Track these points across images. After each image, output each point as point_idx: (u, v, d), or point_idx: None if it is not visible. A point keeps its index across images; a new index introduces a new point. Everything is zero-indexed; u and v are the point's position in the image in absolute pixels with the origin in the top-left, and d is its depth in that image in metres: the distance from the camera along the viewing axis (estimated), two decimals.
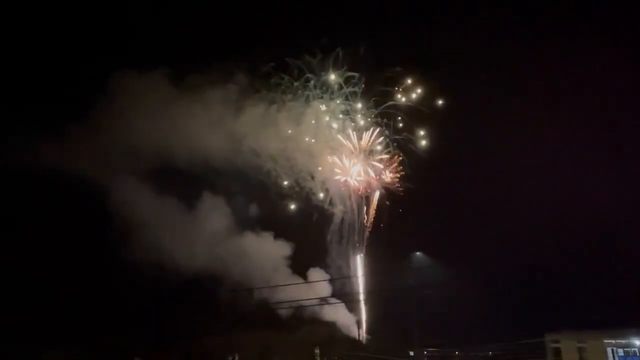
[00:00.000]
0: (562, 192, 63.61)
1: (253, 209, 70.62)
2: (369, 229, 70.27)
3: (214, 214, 69.58)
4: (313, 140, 69.33)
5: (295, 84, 68.75)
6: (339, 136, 69.43)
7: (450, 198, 68.78)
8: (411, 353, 52.35)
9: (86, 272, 65.03)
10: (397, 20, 69.30)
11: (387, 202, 70.08)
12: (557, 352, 42.14)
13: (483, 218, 67.03)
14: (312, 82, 68.85)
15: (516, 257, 61.98)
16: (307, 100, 69.04)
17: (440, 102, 67.78)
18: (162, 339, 61.57)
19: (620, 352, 38.94)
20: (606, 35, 62.43)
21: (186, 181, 68.55)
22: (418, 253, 59.67)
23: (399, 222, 69.36)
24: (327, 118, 69.65)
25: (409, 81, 67.73)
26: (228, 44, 70.83)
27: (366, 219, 70.50)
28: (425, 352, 53.86)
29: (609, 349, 39.38)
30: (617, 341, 39.18)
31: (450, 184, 69.40)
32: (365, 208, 70.50)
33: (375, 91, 68.23)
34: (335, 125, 69.74)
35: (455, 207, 68.59)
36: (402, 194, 68.80)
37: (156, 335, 61.44)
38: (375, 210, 70.45)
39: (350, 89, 68.62)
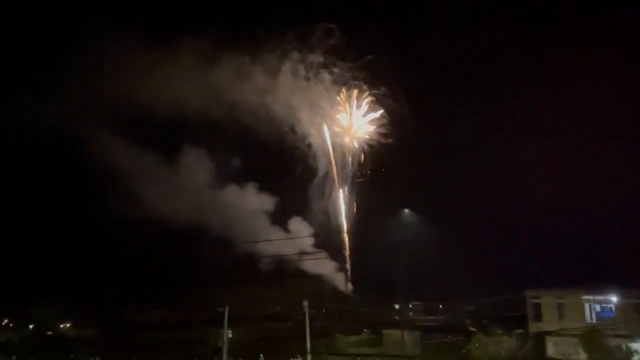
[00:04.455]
0: (548, 151, 64.54)
1: (235, 162, 70.39)
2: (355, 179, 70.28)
3: (195, 166, 69.33)
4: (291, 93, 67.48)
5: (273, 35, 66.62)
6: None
7: (435, 155, 69.42)
8: (396, 306, 53.89)
9: (70, 226, 65.11)
10: None
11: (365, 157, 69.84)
12: (537, 307, 43.46)
13: (467, 176, 67.98)
14: (289, 34, 66.94)
15: (500, 216, 63.47)
16: (285, 52, 67.32)
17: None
18: (150, 292, 62.57)
19: (597, 307, 40.30)
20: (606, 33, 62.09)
21: (166, 134, 67.95)
22: (406, 210, 60.70)
23: (384, 177, 69.82)
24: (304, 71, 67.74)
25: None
26: None
27: (350, 167, 70.01)
28: (410, 305, 55.75)
29: (586, 305, 40.70)
30: (595, 297, 40.43)
31: (432, 141, 69.75)
32: (350, 159, 70.09)
33: (356, 44, 66.59)
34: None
35: (439, 165, 69.32)
36: (385, 150, 68.57)
37: (144, 288, 62.38)
38: (360, 164, 70.20)
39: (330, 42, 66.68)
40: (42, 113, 63.07)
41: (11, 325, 63.07)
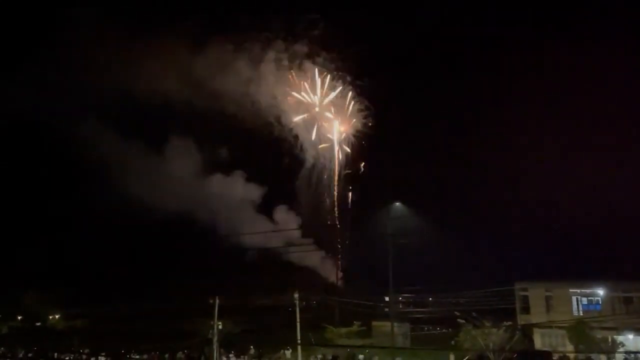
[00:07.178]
0: (539, 146, 64.96)
1: (221, 152, 70.07)
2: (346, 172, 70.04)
3: (181, 157, 69.05)
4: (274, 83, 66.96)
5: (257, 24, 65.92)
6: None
7: (424, 148, 69.58)
8: (386, 298, 54.07)
9: (58, 217, 64.65)
10: None
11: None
12: (525, 300, 43.98)
13: (458, 170, 68.34)
14: (273, 23, 66.35)
15: (490, 210, 63.90)
16: (268, 41, 66.76)
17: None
18: (139, 283, 62.42)
19: (584, 300, 40.86)
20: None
21: (152, 124, 67.49)
22: (397, 203, 60.77)
23: (374, 170, 69.74)
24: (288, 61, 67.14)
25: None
26: None
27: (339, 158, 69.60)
28: (400, 298, 56.00)
29: (573, 298, 41.22)
30: (582, 291, 40.96)
31: (420, 133, 69.90)
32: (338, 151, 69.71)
33: (339, 35, 66.05)
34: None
35: (429, 158, 69.53)
36: (372, 143, 68.19)
37: (132, 279, 62.25)
38: (348, 156, 69.94)
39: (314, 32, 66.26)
40: (25, 103, 62.37)
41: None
